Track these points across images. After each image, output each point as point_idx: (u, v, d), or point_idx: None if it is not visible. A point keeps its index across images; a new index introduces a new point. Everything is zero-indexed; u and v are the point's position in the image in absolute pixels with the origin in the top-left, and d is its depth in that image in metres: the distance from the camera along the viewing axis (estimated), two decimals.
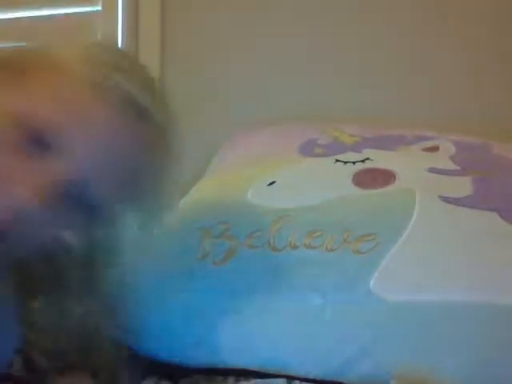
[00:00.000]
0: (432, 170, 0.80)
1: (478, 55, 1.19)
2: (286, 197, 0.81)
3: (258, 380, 0.71)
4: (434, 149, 0.84)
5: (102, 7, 1.32)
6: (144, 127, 0.64)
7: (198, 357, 0.74)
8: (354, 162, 0.84)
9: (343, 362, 0.70)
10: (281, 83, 1.25)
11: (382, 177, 0.80)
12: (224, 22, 1.30)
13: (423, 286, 0.70)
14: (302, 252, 0.74)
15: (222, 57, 1.29)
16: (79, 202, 0.61)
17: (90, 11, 1.33)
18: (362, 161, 0.84)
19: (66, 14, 1.34)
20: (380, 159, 0.84)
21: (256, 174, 0.87)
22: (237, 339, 0.73)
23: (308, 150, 0.90)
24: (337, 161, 0.86)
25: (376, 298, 0.70)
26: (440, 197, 0.75)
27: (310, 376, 0.71)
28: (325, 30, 1.26)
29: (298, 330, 0.72)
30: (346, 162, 0.85)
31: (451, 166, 0.80)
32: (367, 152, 0.86)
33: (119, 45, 0.72)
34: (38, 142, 0.60)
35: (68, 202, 0.61)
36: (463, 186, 0.76)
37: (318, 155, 0.89)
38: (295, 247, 0.75)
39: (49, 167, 0.60)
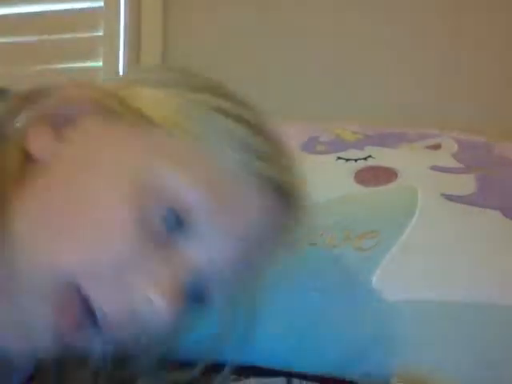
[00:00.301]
0: (434, 168, 0.79)
1: (478, 55, 1.19)
2: None
3: (258, 379, 0.71)
4: (437, 146, 0.84)
5: (105, 3, 1.32)
6: (285, 211, 0.55)
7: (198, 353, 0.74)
8: (355, 160, 0.84)
9: (344, 359, 0.70)
10: (281, 83, 1.26)
11: (384, 174, 0.79)
12: (225, 21, 1.30)
13: (425, 285, 0.69)
14: (303, 249, 0.74)
15: (223, 56, 1.29)
16: (195, 295, 0.52)
17: (92, 7, 1.33)
18: (364, 158, 0.83)
19: (68, 10, 1.34)
20: (382, 157, 0.83)
21: None
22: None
23: (310, 147, 0.90)
24: (338, 158, 0.85)
25: (378, 296, 0.69)
26: (442, 195, 0.75)
27: (311, 373, 0.71)
28: (325, 30, 1.27)
29: (298, 327, 0.71)
30: (347, 160, 0.85)
31: (454, 163, 0.80)
32: (369, 149, 0.86)
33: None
34: (173, 222, 0.49)
35: (187, 297, 0.51)
36: (466, 184, 0.76)
37: (320, 152, 0.89)
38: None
39: (181, 257, 0.49)
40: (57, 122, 0.52)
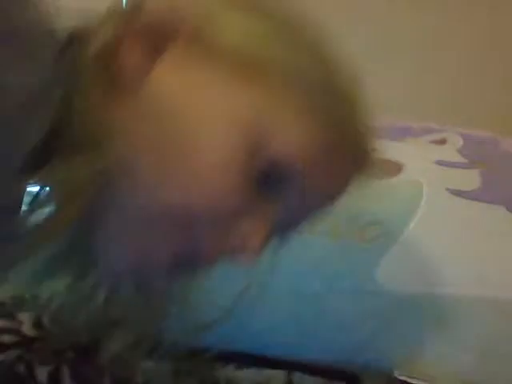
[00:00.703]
0: (440, 163, 0.79)
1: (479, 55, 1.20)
2: None
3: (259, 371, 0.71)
4: (442, 141, 0.84)
5: None
6: (360, 171, 0.53)
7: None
8: None
9: (345, 349, 0.70)
10: None
11: (390, 168, 0.79)
12: None
13: (429, 278, 0.70)
14: (306, 238, 0.73)
15: None
16: None
17: None
18: None
19: None
20: (387, 150, 0.83)
21: None
22: (238, 325, 0.72)
23: None
24: None
25: (381, 288, 0.69)
26: (447, 189, 0.75)
27: (312, 362, 0.71)
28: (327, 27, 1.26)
29: (300, 316, 0.71)
30: None
31: (459, 158, 0.80)
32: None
33: None
34: (273, 177, 0.47)
35: None
36: (471, 179, 0.76)
37: None
38: (299, 233, 0.73)
39: (271, 210, 0.48)
40: (148, 43, 0.46)
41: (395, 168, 0.79)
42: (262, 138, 0.46)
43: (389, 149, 0.83)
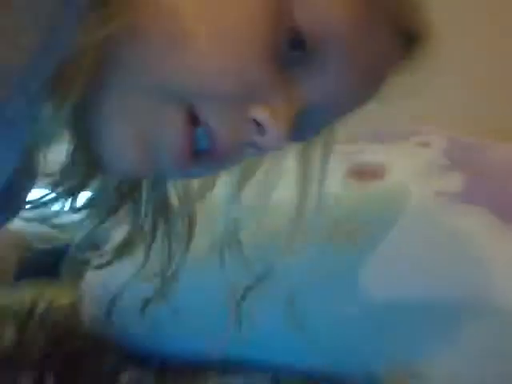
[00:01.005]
0: (425, 165, 0.79)
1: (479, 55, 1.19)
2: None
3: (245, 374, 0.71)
4: (427, 144, 0.84)
5: None
6: (406, 55, 0.49)
7: (184, 348, 0.73)
8: (347, 155, 0.83)
9: (333, 356, 0.70)
10: None
11: (375, 170, 0.79)
12: None
13: (414, 282, 0.70)
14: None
15: None
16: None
17: None
18: (354, 154, 0.83)
19: None
20: (373, 153, 0.83)
21: None
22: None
23: None
24: None
25: (365, 292, 0.70)
26: (432, 191, 0.75)
27: (297, 370, 0.71)
28: None
29: (288, 320, 0.71)
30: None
31: (443, 161, 0.80)
32: (360, 145, 0.86)
33: None
34: (294, 46, 0.42)
35: None
36: (455, 182, 0.76)
37: None
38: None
39: (299, 91, 0.44)
40: None
41: (380, 170, 0.79)
42: (288, 3, 0.41)
43: (374, 151, 0.84)
